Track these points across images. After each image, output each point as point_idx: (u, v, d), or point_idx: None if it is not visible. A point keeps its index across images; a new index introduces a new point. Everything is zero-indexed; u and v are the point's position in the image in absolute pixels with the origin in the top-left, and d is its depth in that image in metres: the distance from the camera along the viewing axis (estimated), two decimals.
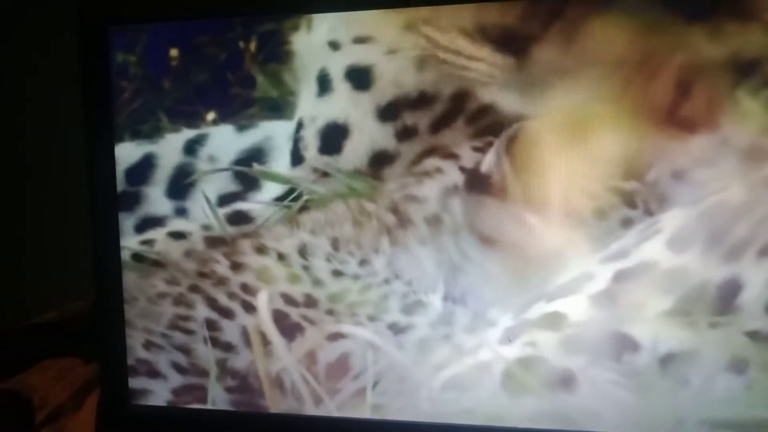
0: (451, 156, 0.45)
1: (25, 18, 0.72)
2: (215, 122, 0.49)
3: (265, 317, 0.49)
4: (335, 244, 0.47)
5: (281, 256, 0.48)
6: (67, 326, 0.64)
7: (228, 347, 0.50)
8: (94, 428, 0.55)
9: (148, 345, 0.51)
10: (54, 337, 0.63)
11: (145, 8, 0.50)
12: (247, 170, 0.49)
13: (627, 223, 0.43)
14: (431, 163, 0.45)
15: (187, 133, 0.50)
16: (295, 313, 0.48)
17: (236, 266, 0.49)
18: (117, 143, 0.51)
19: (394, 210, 0.46)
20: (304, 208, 0.48)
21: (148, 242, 0.51)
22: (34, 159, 0.72)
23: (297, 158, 0.48)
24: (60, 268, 0.70)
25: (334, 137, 0.47)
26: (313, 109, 0.47)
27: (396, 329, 0.47)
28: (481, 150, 0.44)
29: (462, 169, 0.45)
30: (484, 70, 0.44)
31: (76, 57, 0.50)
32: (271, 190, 0.49)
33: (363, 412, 0.48)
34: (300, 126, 0.48)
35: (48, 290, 0.69)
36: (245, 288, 0.49)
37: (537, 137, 0.43)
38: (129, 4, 0.50)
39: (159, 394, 0.52)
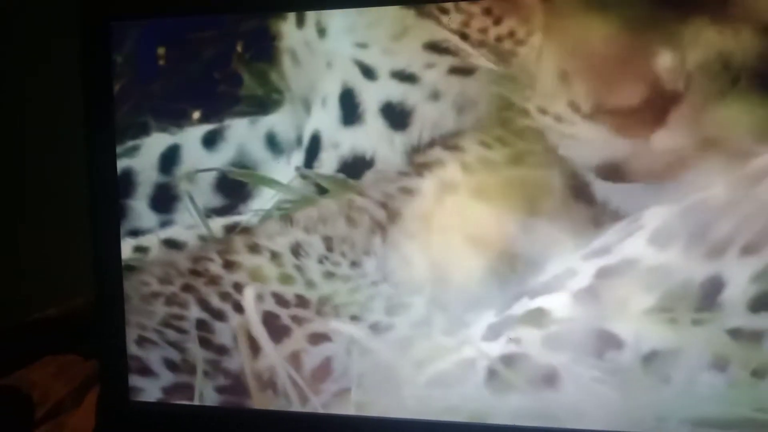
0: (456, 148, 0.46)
1: (25, 17, 0.72)
2: (200, 121, 0.50)
3: (252, 316, 0.49)
4: (329, 243, 0.48)
5: (274, 256, 0.49)
6: (67, 323, 0.64)
7: (219, 347, 0.50)
8: (94, 424, 0.55)
9: (141, 342, 0.52)
10: (54, 333, 0.64)
11: (146, 4, 0.50)
12: (234, 171, 0.49)
13: (608, 219, 0.43)
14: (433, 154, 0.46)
15: (173, 138, 0.50)
16: (284, 314, 0.48)
17: (229, 265, 0.50)
18: None
19: (384, 205, 0.46)
20: (291, 210, 0.48)
21: (139, 249, 0.52)
22: (35, 156, 0.73)
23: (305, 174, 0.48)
24: (60, 264, 0.70)
25: (357, 167, 0.47)
26: (336, 134, 0.47)
27: (380, 327, 0.47)
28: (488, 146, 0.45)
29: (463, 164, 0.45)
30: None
31: (77, 55, 0.50)
32: (256, 194, 0.49)
33: (348, 410, 0.48)
34: (315, 145, 0.47)
35: (48, 287, 0.70)
36: (237, 287, 0.50)
37: (523, 135, 0.44)
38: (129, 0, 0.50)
39: (150, 392, 0.52)
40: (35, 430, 0.55)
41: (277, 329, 0.49)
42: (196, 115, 0.49)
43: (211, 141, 0.49)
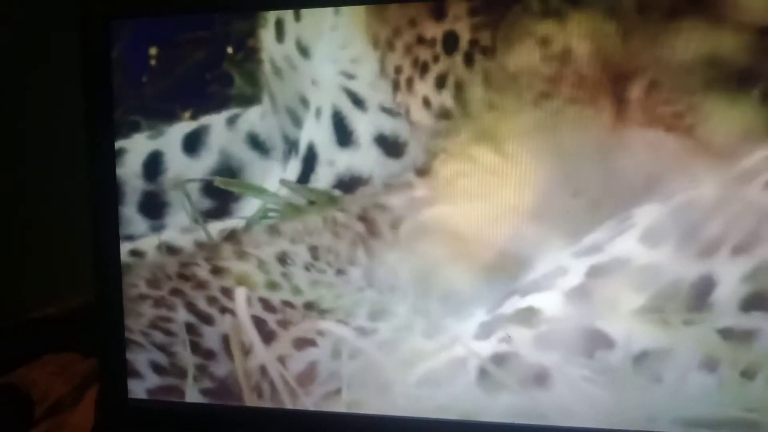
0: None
1: (25, 16, 0.72)
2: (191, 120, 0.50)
3: (243, 318, 0.49)
4: (314, 252, 0.48)
5: (261, 264, 0.49)
6: (66, 322, 0.65)
7: (206, 351, 0.50)
8: (93, 422, 0.56)
9: (129, 344, 0.52)
10: (54, 332, 0.64)
11: (146, 2, 0.50)
12: (221, 180, 0.50)
13: (600, 218, 0.43)
14: None
15: (155, 143, 0.50)
16: (271, 319, 0.49)
17: (216, 271, 0.50)
18: None
19: (364, 218, 0.47)
20: (278, 218, 0.48)
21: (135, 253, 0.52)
22: (35, 156, 0.73)
23: (305, 181, 0.48)
24: (60, 263, 0.70)
25: (352, 183, 0.47)
26: (332, 153, 0.47)
27: (369, 328, 0.47)
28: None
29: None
30: None
31: (77, 54, 0.50)
32: (244, 199, 0.49)
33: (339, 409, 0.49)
34: (312, 157, 0.47)
35: (48, 286, 0.70)
36: (225, 292, 0.50)
37: (512, 135, 0.44)
38: None
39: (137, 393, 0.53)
40: (35, 428, 0.56)
41: (264, 334, 0.49)
42: (187, 115, 0.49)
43: (192, 146, 0.50)
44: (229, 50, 0.48)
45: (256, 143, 0.49)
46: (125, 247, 0.52)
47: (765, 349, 0.41)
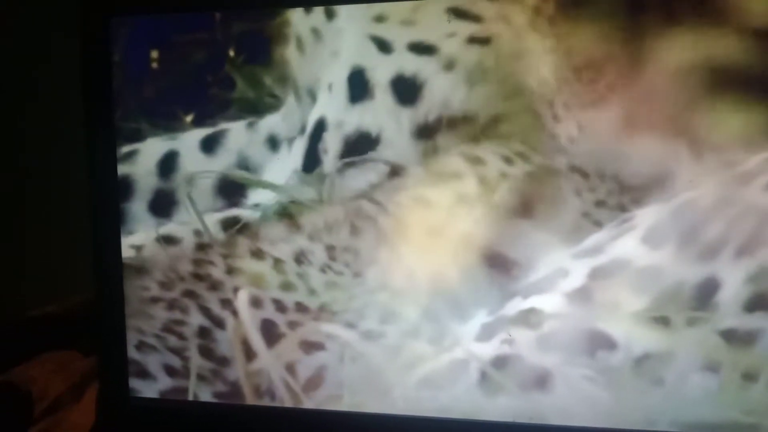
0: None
1: (24, 16, 0.72)
2: (194, 125, 0.49)
3: (246, 319, 0.49)
4: (330, 251, 0.48)
5: (277, 262, 0.49)
6: (66, 319, 0.65)
7: (211, 353, 0.50)
8: (93, 420, 0.56)
9: (141, 346, 0.52)
10: (54, 330, 0.64)
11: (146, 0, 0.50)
12: (231, 174, 0.50)
13: (600, 220, 0.43)
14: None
15: (171, 143, 0.50)
16: (282, 320, 0.49)
17: (231, 270, 0.50)
18: None
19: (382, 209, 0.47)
20: (287, 215, 0.48)
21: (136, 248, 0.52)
22: (35, 154, 0.73)
23: (312, 161, 0.47)
24: (60, 261, 0.70)
25: (360, 146, 0.46)
26: (341, 114, 0.46)
27: (375, 332, 0.47)
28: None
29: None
30: None
31: (78, 53, 0.50)
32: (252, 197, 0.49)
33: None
34: (321, 127, 0.47)
35: (48, 283, 0.70)
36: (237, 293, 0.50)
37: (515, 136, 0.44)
38: None
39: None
40: (35, 426, 0.56)
41: (273, 335, 0.49)
42: (189, 118, 0.49)
43: (209, 147, 0.50)
44: (231, 53, 0.48)
45: (275, 143, 0.49)
46: (130, 249, 0.52)
47: (767, 350, 0.41)
